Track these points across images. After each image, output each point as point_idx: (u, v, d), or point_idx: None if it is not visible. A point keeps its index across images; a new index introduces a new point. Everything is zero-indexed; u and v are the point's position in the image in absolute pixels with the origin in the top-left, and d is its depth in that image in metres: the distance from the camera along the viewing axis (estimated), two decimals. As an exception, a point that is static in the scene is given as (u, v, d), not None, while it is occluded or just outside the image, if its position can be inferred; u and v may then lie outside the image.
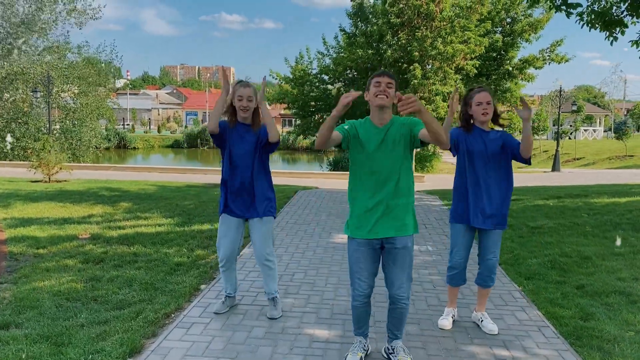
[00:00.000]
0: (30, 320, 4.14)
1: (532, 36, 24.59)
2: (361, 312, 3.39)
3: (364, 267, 3.26)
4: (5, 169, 18.85)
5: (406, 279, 3.29)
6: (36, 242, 6.71)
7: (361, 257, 3.26)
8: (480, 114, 3.80)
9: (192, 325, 3.96)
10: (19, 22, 26.37)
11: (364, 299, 3.32)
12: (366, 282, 3.28)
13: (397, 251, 3.23)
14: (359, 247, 3.26)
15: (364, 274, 3.26)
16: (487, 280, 4.02)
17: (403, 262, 3.25)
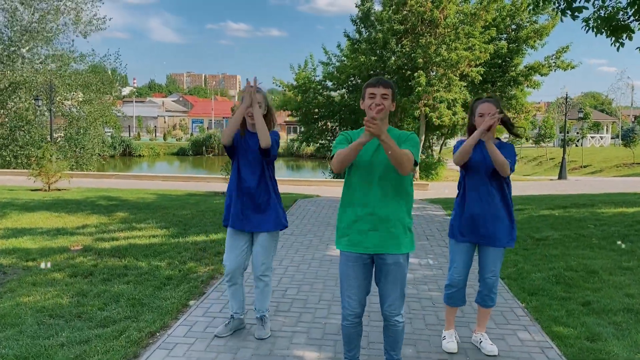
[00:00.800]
0: (9, 339, 3.96)
1: (537, 43, 24.40)
2: (351, 333, 3.18)
3: (353, 284, 3.07)
4: (7, 177, 18.78)
5: (398, 296, 3.09)
6: (26, 254, 6.55)
7: (351, 272, 3.07)
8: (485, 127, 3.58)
9: (175, 345, 3.76)
10: (23, 30, 26.40)
11: (354, 319, 3.13)
12: (355, 299, 3.09)
13: (388, 267, 3.04)
14: (347, 262, 3.08)
15: (353, 290, 3.07)
16: (486, 300, 3.81)
17: (395, 279, 3.05)
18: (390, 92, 3.04)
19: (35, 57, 27.41)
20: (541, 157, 38.19)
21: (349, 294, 3.09)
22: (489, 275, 3.75)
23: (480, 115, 3.61)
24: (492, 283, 3.75)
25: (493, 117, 3.49)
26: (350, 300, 3.09)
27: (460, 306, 3.88)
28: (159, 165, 46.27)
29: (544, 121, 43.81)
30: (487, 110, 3.60)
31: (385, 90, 3.02)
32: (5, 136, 26.53)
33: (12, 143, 26.62)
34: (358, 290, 3.08)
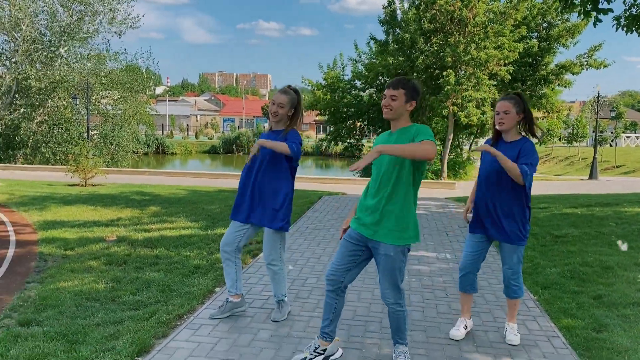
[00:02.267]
0: (50, 319, 4.32)
1: (569, 41, 24.09)
2: (327, 302, 3.45)
3: (338, 253, 3.39)
4: (46, 172, 19.55)
5: (389, 286, 3.31)
6: (65, 243, 6.96)
7: (343, 243, 3.39)
8: (497, 123, 3.77)
9: (200, 326, 4.06)
10: (61, 31, 27.32)
11: (330, 285, 3.39)
12: (335, 268, 3.37)
13: (380, 257, 3.28)
14: (345, 236, 3.41)
15: (337, 260, 3.38)
16: (507, 291, 3.98)
17: (384, 268, 3.27)
18: (402, 92, 3.23)
19: (72, 57, 28.31)
20: (573, 157, 37.55)
21: (334, 260, 3.41)
22: (504, 268, 3.94)
23: (497, 112, 3.76)
24: (507, 275, 3.92)
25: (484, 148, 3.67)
26: (332, 265, 3.39)
27: (470, 293, 4.05)
28: (191, 162, 47.16)
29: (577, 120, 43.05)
30: (500, 107, 3.75)
31: (394, 92, 3.24)
32: (44, 134, 27.51)
33: (51, 140, 27.59)
34: (341, 262, 3.36)
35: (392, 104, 3.24)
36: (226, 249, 4.22)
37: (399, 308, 3.34)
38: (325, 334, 3.47)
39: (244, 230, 4.22)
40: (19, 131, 26.75)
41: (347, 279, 3.39)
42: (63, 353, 3.61)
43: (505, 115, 3.74)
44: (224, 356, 3.55)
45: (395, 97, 3.24)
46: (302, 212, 9.33)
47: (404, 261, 3.30)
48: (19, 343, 3.79)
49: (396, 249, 3.23)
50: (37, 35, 27.19)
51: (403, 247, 3.26)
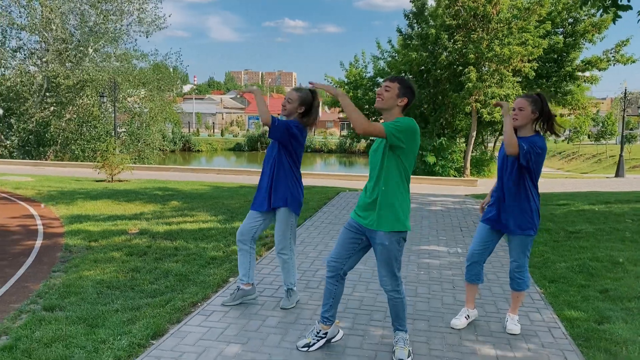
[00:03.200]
0: (73, 305, 4.57)
1: (595, 36, 23.73)
2: (328, 285, 3.61)
3: (339, 241, 3.56)
4: (75, 169, 20.11)
5: (386, 274, 3.45)
6: (89, 235, 7.26)
7: (343, 231, 3.56)
8: (514, 120, 3.88)
9: (212, 312, 4.26)
10: (90, 31, 28.01)
11: (330, 271, 3.57)
12: (336, 255, 3.55)
13: (375, 246, 3.43)
14: (345, 225, 3.59)
15: (338, 247, 3.55)
16: (511, 283, 4.09)
17: (381, 257, 3.42)
18: (396, 86, 3.36)
19: (100, 56, 29.01)
20: (601, 154, 36.93)
21: (334, 248, 3.58)
22: (510, 261, 4.06)
23: (513, 109, 3.93)
24: (513, 268, 4.04)
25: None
26: (333, 251, 3.57)
27: (476, 283, 4.16)
28: (216, 160, 47.75)
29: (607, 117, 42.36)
30: (517, 105, 3.91)
31: (389, 84, 3.39)
32: (73, 131, 28.25)
33: (79, 138, 28.33)
34: (340, 249, 3.54)
35: (385, 94, 3.37)
36: (242, 238, 4.41)
37: (397, 295, 3.48)
38: (326, 318, 3.63)
39: (259, 221, 4.40)
40: (49, 128, 27.53)
41: (346, 266, 3.55)
42: (83, 335, 3.84)
43: (520, 112, 3.87)
44: (232, 340, 3.74)
45: (388, 89, 3.37)
46: (319, 207, 9.49)
47: (400, 250, 3.43)
48: (43, 326, 4.04)
49: (391, 238, 3.37)
50: (67, 35, 27.93)
51: (398, 236, 3.40)
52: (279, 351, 3.58)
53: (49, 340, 3.75)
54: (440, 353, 3.63)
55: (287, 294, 4.43)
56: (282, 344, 3.71)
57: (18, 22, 27.57)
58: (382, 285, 3.49)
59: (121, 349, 3.59)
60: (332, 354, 3.57)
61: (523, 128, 3.92)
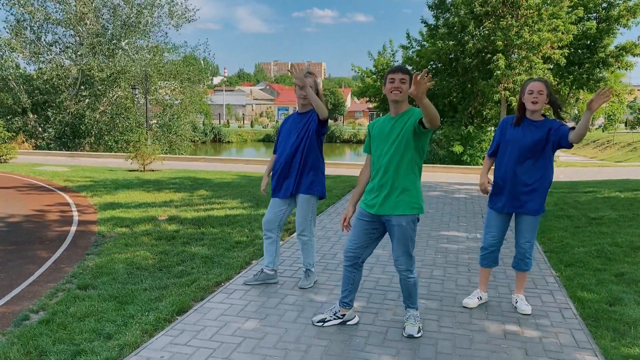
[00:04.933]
0: (105, 284, 4.85)
1: (630, 21, 23.15)
2: (346, 272, 3.78)
3: (354, 232, 3.69)
4: (108, 159, 20.72)
5: (402, 253, 3.58)
6: (121, 222, 7.58)
7: (357, 223, 3.69)
8: (530, 102, 3.90)
9: (234, 291, 4.49)
10: (122, 24, 28.65)
11: (348, 261, 3.73)
12: (353, 245, 3.69)
13: (393, 228, 3.55)
14: (356, 216, 3.71)
15: (354, 238, 3.68)
16: (520, 265, 4.17)
17: (398, 238, 3.55)
18: (408, 77, 3.49)
19: (132, 49, 29.64)
20: (636, 142, 36.03)
21: (350, 238, 3.71)
22: (522, 242, 4.09)
23: (530, 92, 3.89)
24: (525, 249, 4.10)
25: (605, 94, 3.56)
26: (349, 242, 3.71)
27: (492, 267, 4.27)
28: (246, 150, 48.31)
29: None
30: (535, 87, 3.88)
31: (403, 76, 3.49)
32: (107, 123, 29.01)
33: (113, 129, 29.08)
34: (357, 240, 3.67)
35: (403, 87, 3.49)
36: (269, 227, 4.60)
37: (410, 275, 3.63)
38: (345, 303, 3.83)
39: (283, 208, 4.59)
40: (83, 120, 28.32)
41: (364, 255, 3.73)
42: (113, 311, 4.11)
43: (540, 95, 3.89)
44: (251, 316, 3.96)
45: (404, 81, 3.49)
46: (342, 195, 9.66)
47: (415, 230, 3.59)
48: (77, 302, 4.33)
49: (407, 219, 3.52)
50: (100, 29, 28.62)
51: (414, 218, 3.55)
52: (294, 326, 3.78)
53: (82, 315, 4.03)
54: (450, 330, 3.77)
55: (305, 274, 4.62)
56: (298, 319, 3.90)
57: (54, 17, 28.36)
58: (397, 266, 3.63)
59: (148, 323, 3.84)
60: (345, 329, 3.74)
61: (538, 112, 3.97)
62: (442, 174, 16.25)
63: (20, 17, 28.04)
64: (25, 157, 20.82)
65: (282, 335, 3.63)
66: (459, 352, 3.42)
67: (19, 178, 13.02)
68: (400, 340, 3.58)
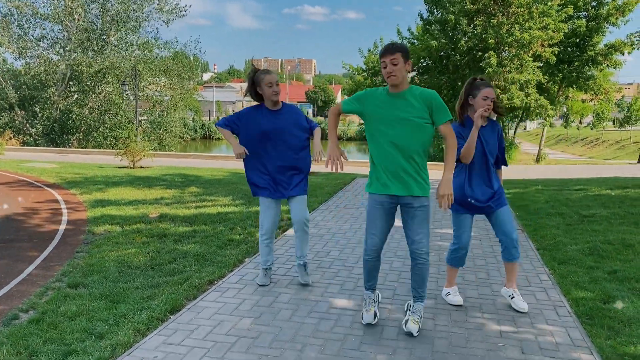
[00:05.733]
0: (96, 282, 4.79)
1: (619, 20, 23.34)
2: (372, 264, 3.74)
3: (376, 224, 3.61)
4: (97, 156, 20.54)
5: (426, 234, 3.57)
6: (112, 219, 7.50)
7: (377, 214, 3.60)
8: (486, 108, 3.85)
9: (227, 289, 4.44)
10: (112, 20, 28.40)
11: (372, 254, 3.68)
12: (377, 239, 3.64)
13: (416, 210, 3.53)
14: (373, 206, 3.62)
15: (377, 231, 3.62)
16: (513, 253, 4.10)
17: (422, 219, 3.54)
18: (399, 55, 3.38)
19: (122, 44, 29.41)
20: (624, 140, 36.35)
21: (373, 232, 3.62)
22: (511, 230, 4.07)
23: (485, 98, 3.86)
24: (516, 237, 4.07)
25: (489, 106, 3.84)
26: (372, 237, 3.63)
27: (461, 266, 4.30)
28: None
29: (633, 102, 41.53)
30: (490, 94, 3.88)
31: (393, 55, 3.38)
32: (95, 119, 28.76)
33: (101, 125, 28.84)
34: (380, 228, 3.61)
35: (395, 68, 3.39)
36: (270, 235, 4.52)
37: (427, 258, 3.62)
38: (373, 287, 3.85)
39: (277, 211, 4.53)
40: (72, 116, 28.06)
41: (384, 242, 3.71)
42: (105, 310, 4.06)
43: (492, 102, 3.90)
44: (246, 315, 3.92)
45: (396, 61, 3.38)
46: (334, 192, 9.63)
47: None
48: (67, 301, 4.27)
49: (427, 200, 3.57)
50: (89, 24, 28.35)
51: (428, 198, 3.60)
52: (289, 325, 3.75)
53: (73, 314, 3.97)
54: (445, 328, 3.75)
55: (304, 269, 4.57)
56: (292, 318, 3.87)
57: (41, 12, 28.06)
58: (419, 249, 3.55)
59: (141, 322, 3.78)
60: (339, 328, 3.71)
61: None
62: (433, 172, 16.28)
63: (7, 12, 27.71)
64: (13, 154, 20.58)
65: (277, 335, 3.59)
66: (455, 351, 3.40)
67: (7, 175, 12.87)
68: (397, 339, 3.55)
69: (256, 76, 4.40)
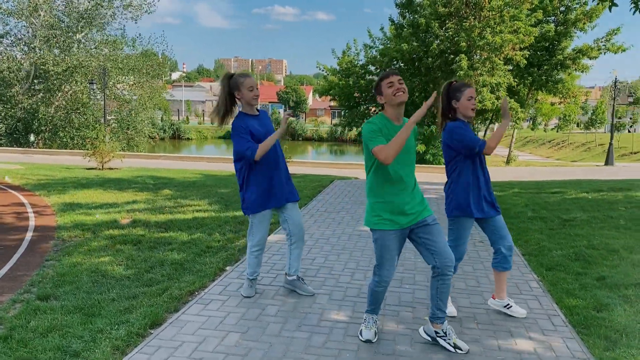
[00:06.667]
0: (68, 294, 4.50)
1: (587, 25, 23.77)
2: (382, 293, 3.57)
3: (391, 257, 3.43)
4: (64, 157, 19.90)
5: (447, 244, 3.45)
6: (82, 224, 7.17)
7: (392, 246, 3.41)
8: (470, 109, 3.80)
9: (210, 301, 4.22)
10: (79, 16, 27.61)
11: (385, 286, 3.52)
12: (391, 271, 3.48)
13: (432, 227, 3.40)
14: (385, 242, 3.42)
15: (392, 264, 3.45)
16: (510, 261, 4.01)
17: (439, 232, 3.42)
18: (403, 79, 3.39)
19: (89, 42, 28.65)
20: (590, 142, 37.17)
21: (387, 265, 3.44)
22: (509, 237, 3.99)
23: (470, 98, 3.80)
24: (508, 247, 3.98)
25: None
26: (387, 271, 3.45)
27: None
28: (207, 148, 47.52)
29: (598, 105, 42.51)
30: (474, 93, 3.83)
31: (400, 77, 3.35)
32: (62, 118, 27.92)
33: (68, 125, 28.01)
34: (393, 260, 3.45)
35: (403, 86, 3.34)
36: (263, 246, 4.33)
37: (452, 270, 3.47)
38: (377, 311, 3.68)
39: (269, 220, 4.35)
40: (37, 115, 27.18)
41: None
42: (79, 325, 3.79)
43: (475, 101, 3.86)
44: (232, 329, 3.70)
45: (402, 82, 3.35)
46: (313, 196, 9.45)
47: None
48: (38, 315, 3.98)
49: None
50: (55, 21, 27.50)
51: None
52: (279, 340, 3.55)
53: (44, 330, 3.70)
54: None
55: (302, 281, 4.42)
56: (282, 332, 3.67)
57: (4, 7, 27.11)
58: (449, 262, 3.38)
59: (119, 338, 3.54)
60: (332, 343, 3.54)
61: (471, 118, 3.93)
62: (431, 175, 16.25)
63: (-32, 7, 26.71)
64: (-26, 154, 19.79)
65: (267, 351, 3.39)
66: (454, 366, 3.27)
67: (-32, 176, 12.29)
68: (393, 354, 3.40)
69: (233, 80, 4.21)
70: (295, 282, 4.40)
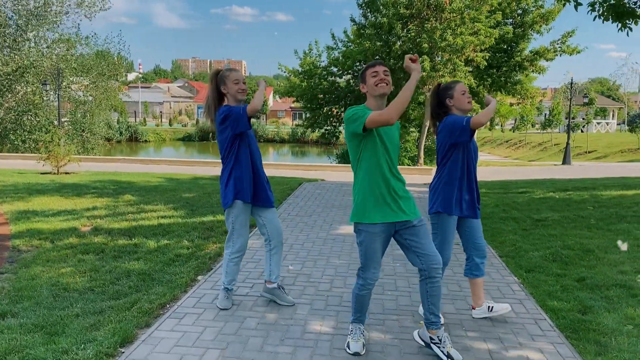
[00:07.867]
0: (27, 310, 4.16)
1: (543, 27, 24.32)
2: (367, 297, 3.42)
3: (376, 256, 3.31)
4: (16, 161, 19.01)
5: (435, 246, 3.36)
6: (39, 233, 6.75)
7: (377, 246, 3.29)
8: (466, 103, 3.79)
9: (185, 315, 3.96)
10: (29, 14, 26.51)
11: (370, 287, 3.39)
12: (377, 270, 3.36)
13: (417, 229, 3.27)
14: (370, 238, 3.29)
15: (377, 262, 3.33)
16: (482, 269, 3.95)
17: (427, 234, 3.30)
18: (389, 71, 3.23)
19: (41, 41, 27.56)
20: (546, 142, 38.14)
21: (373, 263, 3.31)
22: (483, 244, 3.94)
23: (463, 92, 3.80)
24: (483, 251, 3.94)
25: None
26: (374, 270, 3.32)
27: None
28: (166, 150, 46.54)
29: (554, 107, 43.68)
30: (465, 88, 3.83)
31: (386, 68, 3.25)
32: (12, 121, 26.74)
33: (19, 128, 26.84)
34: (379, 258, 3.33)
35: (388, 78, 3.24)
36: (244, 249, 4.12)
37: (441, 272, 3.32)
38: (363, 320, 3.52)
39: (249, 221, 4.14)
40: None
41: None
42: (42, 345, 3.47)
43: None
44: (210, 345, 3.46)
45: (387, 73, 3.26)
46: (283, 199, 9.22)
47: None
48: (-6, 336, 3.64)
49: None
50: (3, 19, 26.34)
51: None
52: (262, 356, 3.33)
53: (2, 353, 3.37)
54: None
55: (283, 290, 4.19)
56: (265, 347, 3.45)
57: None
58: (437, 264, 3.24)
59: (87, 359, 3.25)
60: (320, 356, 3.34)
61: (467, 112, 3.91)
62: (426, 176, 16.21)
63: None
64: None
65: (251, 369, 3.17)
66: (449, 378, 3.12)
67: None
68: (384, 368, 3.23)
69: (220, 75, 4.01)
70: (275, 290, 4.18)
